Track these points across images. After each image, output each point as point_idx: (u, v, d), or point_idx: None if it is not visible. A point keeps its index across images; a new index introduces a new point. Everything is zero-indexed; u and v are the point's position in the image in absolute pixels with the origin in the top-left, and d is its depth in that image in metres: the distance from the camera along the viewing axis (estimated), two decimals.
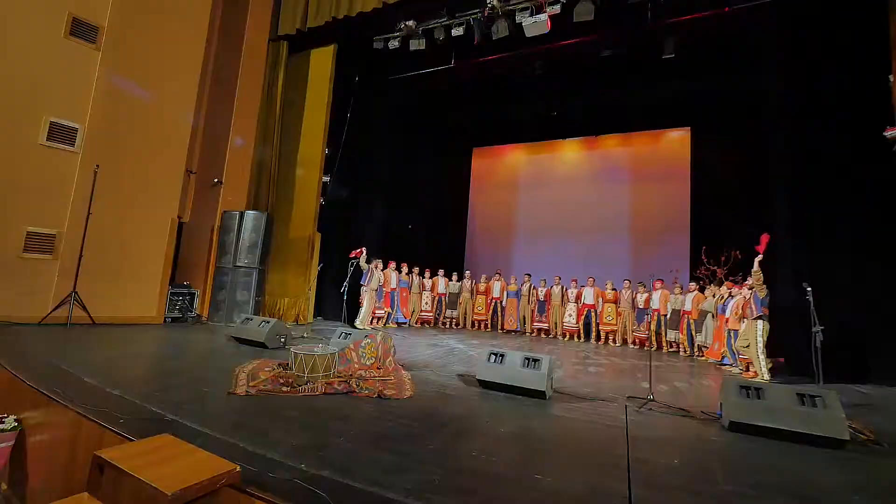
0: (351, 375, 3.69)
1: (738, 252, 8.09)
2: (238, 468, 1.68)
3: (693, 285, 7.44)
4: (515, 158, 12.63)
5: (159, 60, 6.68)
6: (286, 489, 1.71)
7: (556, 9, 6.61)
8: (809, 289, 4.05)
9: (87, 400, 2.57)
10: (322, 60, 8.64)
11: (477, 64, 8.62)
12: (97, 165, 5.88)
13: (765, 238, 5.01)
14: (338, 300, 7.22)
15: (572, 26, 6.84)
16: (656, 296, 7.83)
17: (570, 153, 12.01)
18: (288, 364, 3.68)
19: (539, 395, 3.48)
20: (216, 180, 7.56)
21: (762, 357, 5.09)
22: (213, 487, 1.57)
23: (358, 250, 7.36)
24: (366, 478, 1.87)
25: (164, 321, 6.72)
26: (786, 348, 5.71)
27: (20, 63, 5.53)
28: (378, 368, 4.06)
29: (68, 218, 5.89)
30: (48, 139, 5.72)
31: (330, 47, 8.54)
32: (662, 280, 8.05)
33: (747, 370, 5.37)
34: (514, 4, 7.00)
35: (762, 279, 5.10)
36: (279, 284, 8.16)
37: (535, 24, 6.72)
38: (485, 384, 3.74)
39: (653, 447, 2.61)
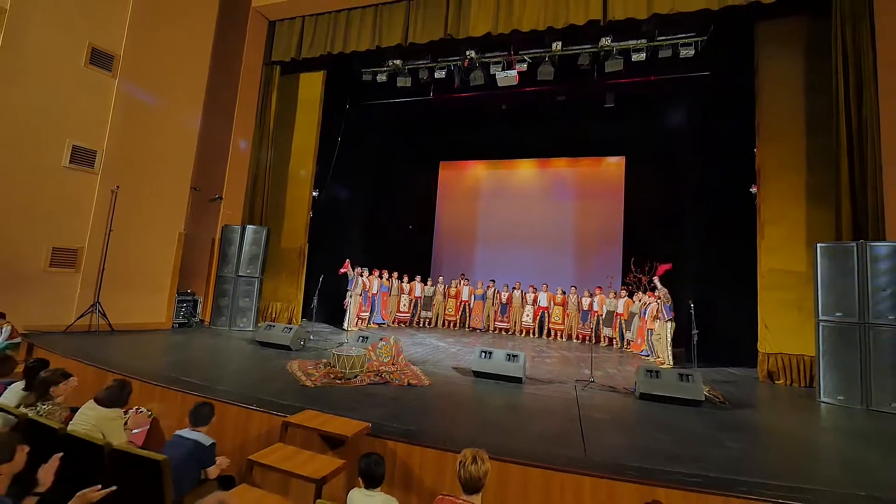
0: (378, 371, 4.89)
1: (657, 262, 10.22)
2: (370, 424, 2.90)
3: (623, 291, 9.35)
4: (477, 173, 14.10)
5: (167, 87, 7.25)
6: (396, 434, 2.95)
7: (524, 67, 8.09)
8: (692, 304, 5.85)
9: (206, 392, 3.57)
10: (312, 83, 9.44)
11: (452, 98, 9.90)
12: (117, 186, 6.44)
13: (662, 267, 6.84)
14: (322, 305, 8.17)
15: (535, 79, 8.35)
16: (596, 300, 9.68)
17: (525, 170, 13.69)
18: (330, 362, 4.80)
19: (517, 380, 4.92)
20: (217, 196, 8.19)
21: (669, 349, 6.96)
22: (364, 433, 2.78)
23: (345, 264, 8.41)
24: (433, 433, 3.15)
25: (172, 326, 7.35)
26: (684, 343, 7.74)
27: (45, 91, 5.96)
28: (393, 364, 5.28)
29: (89, 234, 6.39)
30: (70, 162, 6.19)
31: (320, 73, 9.38)
32: (601, 287, 9.93)
33: (658, 358, 7.25)
34: (488, 57, 8.38)
35: (668, 293, 6.95)
36: (272, 291, 8.95)
37: (506, 77, 8.15)
38: (478, 374, 5.12)
39: (593, 409, 4.14)
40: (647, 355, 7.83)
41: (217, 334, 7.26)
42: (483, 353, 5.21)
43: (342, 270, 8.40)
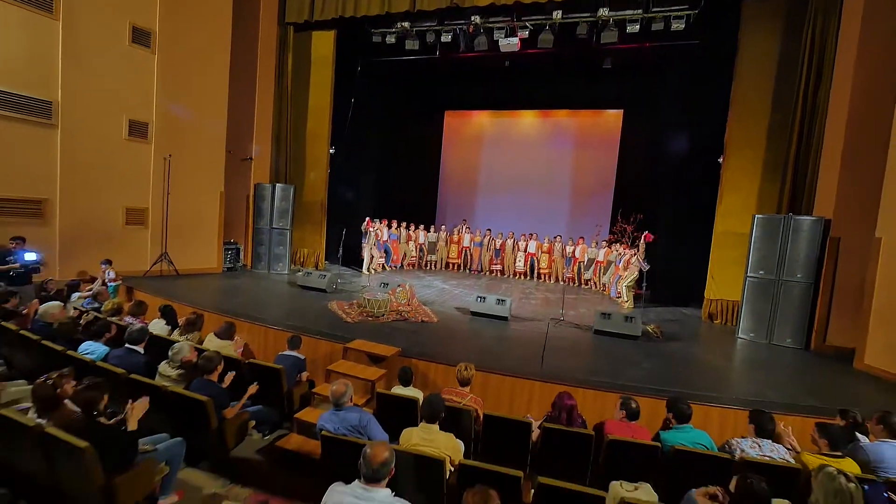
0: (398, 310, 6.40)
1: (642, 215, 11.37)
2: (400, 349, 4.41)
3: (604, 242, 10.67)
4: (481, 122, 14.68)
5: (197, 56, 7.96)
6: (418, 355, 4.48)
7: (525, 34, 8.59)
8: (647, 266, 7.21)
9: (284, 326, 5.08)
10: (324, 42, 9.93)
11: (458, 57, 10.35)
12: (169, 155, 7.52)
13: (648, 235, 8.02)
14: (343, 250, 9.61)
15: (536, 45, 8.85)
16: (578, 249, 11.05)
17: (527, 120, 14.25)
18: (362, 304, 6.31)
19: (504, 319, 6.45)
20: (248, 157, 9.22)
21: (630, 294, 8.46)
22: (397, 354, 4.30)
23: (367, 222, 9.71)
24: (442, 354, 4.66)
25: (223, 270, 8.86)
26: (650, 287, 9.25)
27: (103, 71, 6.81)
28: (409, 305, 6.80)
29: (151, 196, 7.62)
30: (129, 135, 7.22)
31: (331, 32, 9.82)
32: (583, 237, 11.23)
33: (623, 300, 8.78)
34: (492, 23, 8.82)
35: (643, 251, 8.26)
36: (299, 238, 10.32)
37: (509, 44, 8.68)
38: (474, 314, 6.64)
39: (557, 340, 5.68)
40: (617, 297, 9.37)
41: (260, 277, 8.79)
42: (479, 298, 6.69)
43: (366, 225, 9.79)
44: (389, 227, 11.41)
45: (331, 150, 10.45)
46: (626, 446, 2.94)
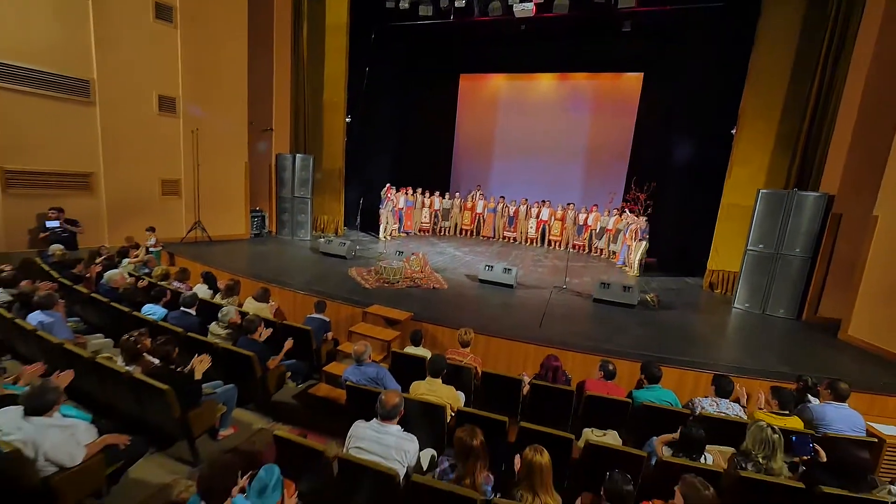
0: (412, 277, 6.95)
1: (655, 183, 11.38)
2: (412, 313, 4.98)
3: (615, 211, 10.84)
4: (497, 85, 14.44)
5: (216, 30, 8.16)
6: (428, 319, 5.05)
7: None
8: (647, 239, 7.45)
9: (309, 292, 5.70)
10: (337, 9, 9.88)
11: (473, 21, 10.18)
12: (196, 128, 7.96)
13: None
14: (361, 217, 10.15)
15: (551, 8, 8.66)
16: (591, 217, 11.25)
17: (544, 83, 13.95)
18: (379, 271, 6.87)
19: (510, 287, 6.93)
20: (268, 128, 9.58)
21: (637, 262, 8.77)
22: (409, 318, 4.88)
23: (387, 188, 10.11)
24: (450, 319, 5.22)
25: (250, 236, 9.53)
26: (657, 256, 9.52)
27: (131, 49, 7.16)
28: (422, 272, 7.33)
29: (182, 168, 8.16)
30: (160, 110, 7.65)
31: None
32: (596, 205, 11.39)
33: (628, 268, 9.11)
34: None
35: (646, 222, 8.47)
36: (319, 205, 10.84)
37: (523, 9, 8.53)
38: (482, 281, 7.14)
39: (557, 308, 6.16)
40: (623, 265, 9.70)
41: (285, 243, 9.44)
42: (487, 266, 7.17)
43: (386, 191, 10.28)
44: (406, 194, 11.79)
45: (347, 119, 10.69)
46: (601, 401, 3.47)
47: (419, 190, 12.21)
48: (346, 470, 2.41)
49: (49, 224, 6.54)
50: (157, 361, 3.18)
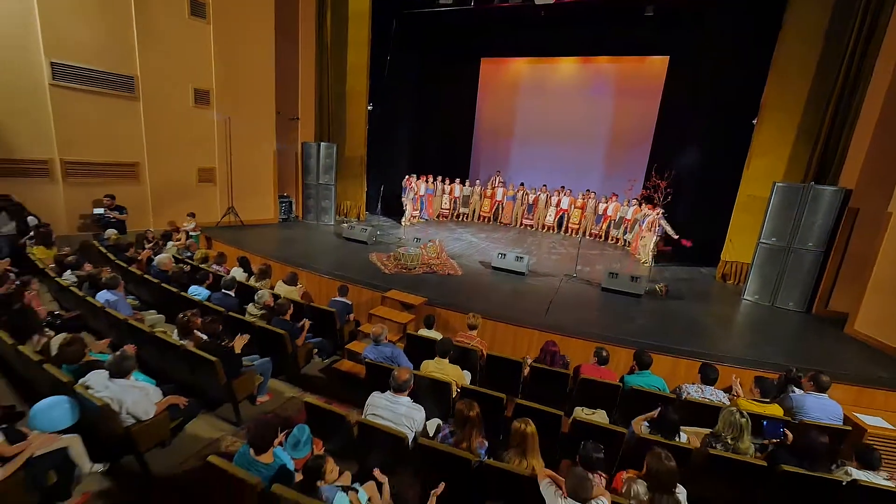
0: (428, 264, 7.36)
1: (674, 171, 11.28)
2: (427, 298, 5.41)
3: (634, 201, 10.85)
4: (518, 69, 14.34)
5: (246, 22, 8.55)
6: (440, 304, 5.47)
7: None
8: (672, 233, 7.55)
9: (333, 276, 6.20)
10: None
11: (493, 7, 10.18)
12: (228, 118, 8.47)
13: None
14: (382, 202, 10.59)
15: None
16: (611, 206, 11.30)
17: (566, 66, 13.77)
18: (398, 257, 7.31)
19: (521, 274, 7.25)
20: (294, 117, 10.02)
21: (652, 253, 8.89)
22: (424, 303, 5.31)
23: (406, 178, 10.48)
24: (461, 304, 5.61)
25: (279, 220, 10.13)
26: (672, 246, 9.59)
27: (169, 45, 7.65)
28: (438, 259, 7.73)
29: (216, 156, 8.73)
30: (195, 102, 8.18)
31: None
32: (616, 194, 11.41)
33: (641, 258, 9.23)
34: None
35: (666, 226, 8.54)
36: (342, 191, 11.30)
37: None
38: (495, 268, 7.48)
39: (565, 296, 6.46)
40: (638, 255, 9.80)
41: (310, 228, 9.99)
42: (500, 255, 7.49)
43: (406, 181, 10.74)
44: (426, 181, 12.12)
45: (369, 107, 10.99)
46: (593, 384, 3.82)
47: (439, 178, 12.50)
48: (364, 432, 2.88)
49: (97, 211, 7.24)
50: (205, 337, 3.72)
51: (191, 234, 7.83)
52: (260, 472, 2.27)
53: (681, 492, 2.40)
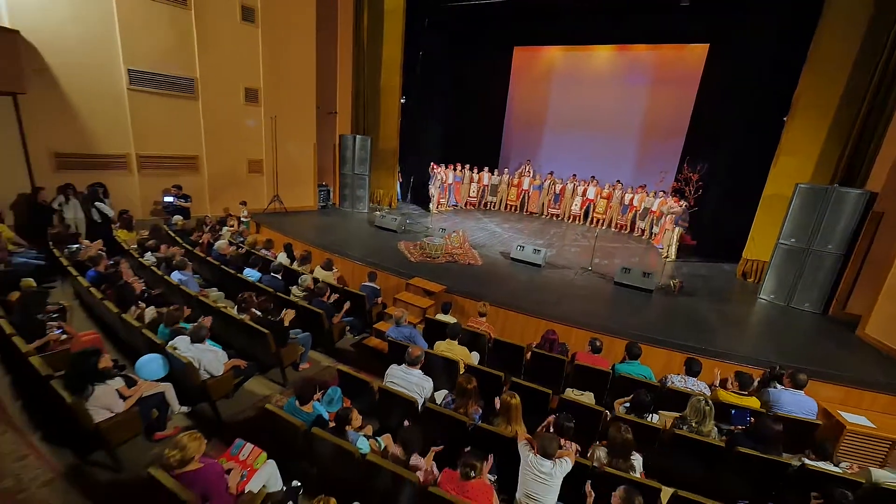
0: (451, 253, 7.94)
1: (707, 165, 11.10)
2: (446, 287, 6.03)
3: (662, 193, 10.86)
4: (552, 56, 14.27)
5: (290, 24, 9.25)
6: (458, 292, 6.07)
7: None
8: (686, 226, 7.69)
9: (364, 262, 6.94)
10: None
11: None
12: (275, 115, 9.29)
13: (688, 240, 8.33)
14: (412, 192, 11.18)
15: None
16: (637, 197, 11.36)
17: (601, 54, 13.57)
18: (423, 246, 7.94)
19: (538, 266, 7.69)
20: (332, 111, 10.73)
21: (675, 246, 9.02)
22: (443, 290, 5.93)
23: (433, 165, 11.00)
24: (477, 293, 6.18)
25: (318, 208, 11.02)
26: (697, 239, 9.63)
27: (223, 49, 8.48)
28: (460, 249, 8.29)
29: (264, 149, 9.63)
30: (246, 100, 9.04)
31: None
32: (644, 185, 11.43)
33: (664, 251, 9.36)
34: None
35: (685, 211, 8.62)
36: (375, 180, 12.01)
37: None
38: (514, 259, 7.96)
39: (578, 288, 6.87)
40: (661, 248, 9.91)
41: (346, 215, 10.81)
42: (518, 247, 7.95)
43: (434, 169, 11.32)
44: (455, 170, 12.60)
45: (402, 100, 11.53)
46: (586, 369, 4.32)
47: (467, 166, 12.93)
48: (384, 396, 3.57)
49: (167, 199, 8.32)
50: (259, 313, 4.53)
51: (242, 220, 8.81)
52: (303, 418, 3.00)
53: (636, 458, 2.92)
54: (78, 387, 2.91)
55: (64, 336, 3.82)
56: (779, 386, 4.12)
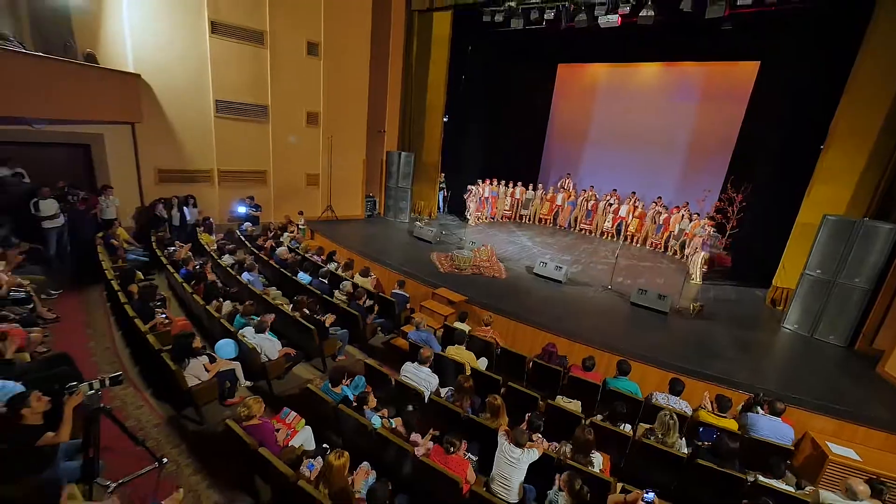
0: (478, 265, 8.66)
1: (751, 186, 10.85)
2: (466, 297, 6.79)
3: (696, 214, 10.83)
4: (596, 73, 14.45)
5: (347, 56, 10.48)
6: (476, 303, 6.80)
7: (626, 9, 8.78)
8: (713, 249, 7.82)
9: (398, 271, 7.86)
10: (442, 21, 11.40)
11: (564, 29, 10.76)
12: (331, 136, 10.56)
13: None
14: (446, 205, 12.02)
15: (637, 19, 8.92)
16: (673, 218, 11.38)
17: (647, 70, 13.57)
18: (453, 258, 8.74)
19: (559, 282, 8.19)
20: (381, 130, 11.88)
21: (699, 270, 9.08)
22: (464, 301, 6.69)
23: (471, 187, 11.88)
24: (493, 305, 6.86)
25: (365, 217, 12.21)
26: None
27: (291, 79, 9.85)
28: (487, 262, 8.99)
29: (320, 165, 10.94)
30: (307, 123, 10.38)
31: (448, 12, 11.20)
32: (687, 203, 11.41)
33: (691, 274, 9.42)
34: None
35: (713, 235, 8.69)
36: (417, 192, 13.00)
37: (608, 21, 9.01)
38: (537, 275, 8.52)
39: (594, 305, 7.31)
40: (690, 271, 9.93)
41: (389, 224, 11.89)
42: (542, 263, 8.50)
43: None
44: (491, 184, 13.29)
45: (444, 119, 12.43)
46: (579, 381, 4.88)
47: (503, 182, 13.56)
48: (399, 387, 4.41)
49: (238, 209, 9.83)
50: (308, 311, 5.57)
51: (300, 227, 10.14)
52: (333, 397, 3.91)
53: (595, 456, 3.50)
54: (179, 359, 4.03)
55: (167, 320, 5.06)
56: (760, 411, 4.43)
